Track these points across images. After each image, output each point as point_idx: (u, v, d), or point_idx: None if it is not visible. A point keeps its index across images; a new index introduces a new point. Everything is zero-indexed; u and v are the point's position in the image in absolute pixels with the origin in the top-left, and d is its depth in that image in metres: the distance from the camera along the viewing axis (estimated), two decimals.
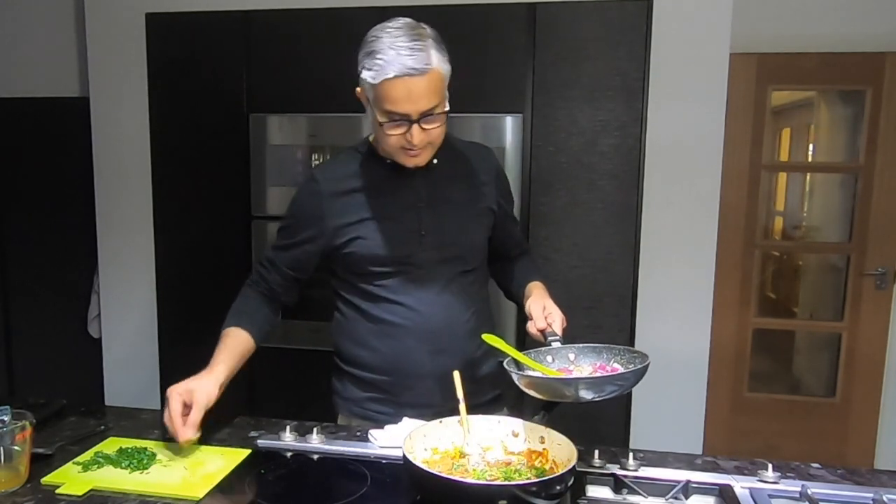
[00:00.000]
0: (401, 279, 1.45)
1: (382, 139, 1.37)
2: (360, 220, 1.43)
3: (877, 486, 1.22)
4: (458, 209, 1.49)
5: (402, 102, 1.29)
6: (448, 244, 1.46)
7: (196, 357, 1.49)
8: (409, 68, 1.26)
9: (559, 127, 2.53)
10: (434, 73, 1.29)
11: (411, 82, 1.27)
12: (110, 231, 2.98)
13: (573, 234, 2.55)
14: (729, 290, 3.09)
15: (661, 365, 2.61)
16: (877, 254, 3.04)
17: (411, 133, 1.32)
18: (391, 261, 1.44)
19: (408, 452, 1.13)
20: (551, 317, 1.40)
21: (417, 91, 1.28)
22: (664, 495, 1.17)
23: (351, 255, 1.45)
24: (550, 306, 1.43)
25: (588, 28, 2.48)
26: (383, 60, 1.26)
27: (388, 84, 1.27)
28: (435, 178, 1.46)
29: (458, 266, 1.49)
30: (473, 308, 1.52)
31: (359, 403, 1.52)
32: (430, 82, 1.28)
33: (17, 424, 1.19)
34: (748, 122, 3.03)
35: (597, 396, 1.18)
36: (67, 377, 3.26)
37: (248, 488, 1.19)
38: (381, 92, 1.29)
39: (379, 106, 1.31)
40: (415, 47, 1.27)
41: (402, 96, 1.28)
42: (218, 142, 2.75)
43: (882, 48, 2.90)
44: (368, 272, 1.45)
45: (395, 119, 1.31)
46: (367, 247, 1.43)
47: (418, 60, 1.26)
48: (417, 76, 1.27)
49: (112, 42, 2.87)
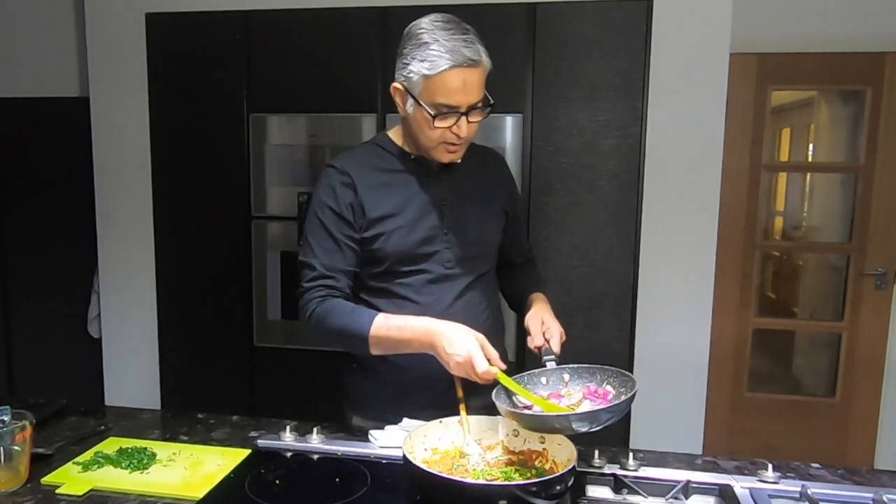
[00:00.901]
0: (422, 279, 1.44)
1: (425, 133, 1.36)
2: (386, 216, 1.41)
3: (877, 486, 1.22)
4: (477, 209, 1.49)
5: (457, 94, 1.30)
6: (468, 243, 1.47)
7: (196, 357, 1.49)
8: (468, 59, 1.28)
9: (559, 127, 2.53)
10: (483, 68, 1.32)
11: (467, 73, 1.29)
12: (110, 231, 2.98)
13: (573, 234, 2.55)
14: (729, 290, 3.09)
15: (661, 365, 2.63)
16: (877, 254, 3.04)
17: (459, 126, 1.33)
18: (414, 258, 1.42)
19: (408, 452, 1.13)
20: (549, 332, 1.40)
21: (471, 82, 1.30)
22: (664, 495, 1.17)
23: (375, 253, 1.42)
24: (549, 321, 1.42)
25: (588, 28, 2.48)
26: (440, 51, 1.28)
27: (446, 75, 1.28)
28: (457, 176, 1.47)
29: (476, 265, 1.49)
30: (490, 309, 1.53)
31: (375, 405, 1.49)
32: (480, 75, 1.32)
33: (17, 424, 1.20)
34: (748, 122, 3.02)
35: (578, 431, 1.15)
36: (67, 377, 3.26)
37: (248, 488, 1.19)
38: (436, 83, 1.29)
39: (430, 98, 1.31)
40: (468, 40, 1.29)
41: (457, 87, 1.29)
42: (218, 142, 2.75)
43: (882, 48, 2.90)
44: (391, 271, 1.43)
45: (444, 112, 1.31)
46: (391, 244, 1.41)
47: (474, 52, 1.29)
48: (473, 67, 1.29)
49: (112, 42, 2.86)
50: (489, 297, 1.54)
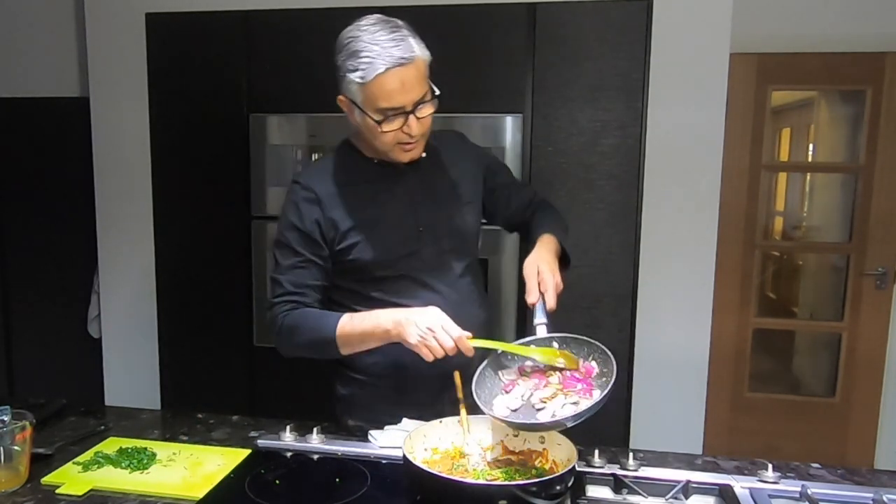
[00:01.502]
0: (406, 282, 1.43)
1: (377, 139, 1.35)
2: (358, 225, 1.41)
3: (877, 486, 1.22)
4: (449, 200, 1.48)
5: (397, 95, 1.28)
6: (446, 236, 1.46)
7: (196, 357, 1.49)
8: (400, 58, 1.26)
9: (559, 127, 2.53)
10: (419, 61, 1.29)
11: (402, 72, 1.27)
12: (110, 231, 2.98)
13: (573, 234, 2.53)
14: (729, 290, 3.08)
15: (661, 365, 2.63)
16: (877, 254, 3.04)
17: (409, 125, 1.32)
18: (394, 262, 1.42)
19: (408, 452, 1.13)
20: (544, 284, 1.34)
21: (409, 80, 1.28)
22: (664, 495, 1.17)
23: (354, 263, 1.42)
24: (544, 270, 1.36)
25: (588, 28, 2.48)
26: (370, 57, 1.26)
27: (381, 79, 1.26)
28: (423, 171, 1.46)
29: (458, 257, 1.48)
30: (480, 299, 1.53)
31: (369, 408, 1.48)
32: (417, 70, 1.29)
33: (17, 424, 1.20)
34: (748, 122, 3.02)
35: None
36: (67, 377, 3.25)
37: (248, 488, 1.19)
38: (373, 89, 1.28)
39: (372, 105, 1.30)
40: (396, 38, 1.27)
41: (396, 88, 1.27)
42: (218, 142, 2.75)
43: (882, 48, 2.90)
44: (373, 278, 1.43)
45: (390, 114, 1.30)
46: (368, 251, 1.41)
47: (404, 50, 1.27)
48: (407, 65, 1.27)
49: (112, 42, 2.86)
50: (478, 287, 1.54)
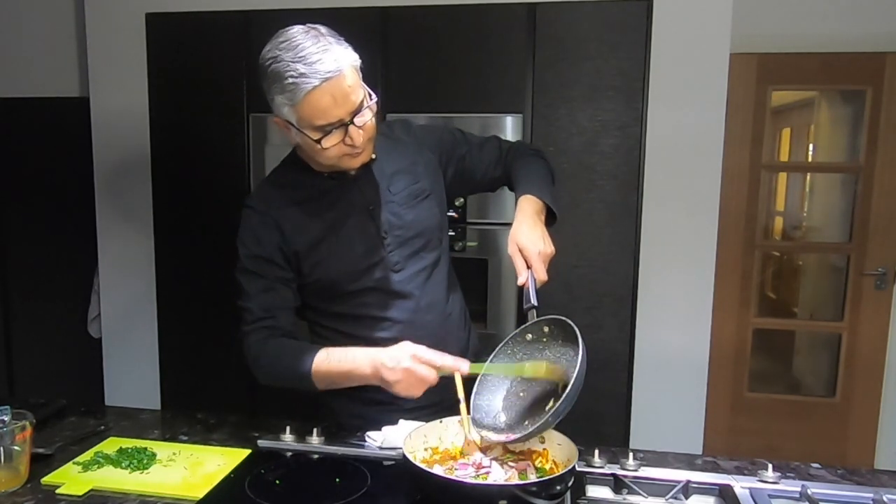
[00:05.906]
0: (376, 294, 1.40)
1: (320, 155, 1.29)
2: (318, 242, 1.37)
3: (877, 486, 1.22)
4: (406, 198, 1.43)
5: (331, 109, 1.22)
6: (410, 237, 1.42)
7: (196, 357, 1.49)
8: (326, 73, 1.19)
9: (559, 127, 2.53)
10: (349, 69, 1.23)
11: (332, 86, 1.20)
12: (110, 231, 2.98)
13: (573, 234, 2.55)
14: (729, 290, 3.08)
15: (661, 365, 2.63)
16: (877, 254, 3.04)
17: (350, 136, 1.26)
18: (360, 273, 1.38)
19: (408, 452, 1.13)
20: (530, 259, 1.29)
21: (341, 92, 1.22)
22: (664, 495, 1.17)
23: (319, 283, 1.39)
24: (526, 245, 1.29)
25: (588, 28, 2.48)
26: (294, 77, 1.20)
27: (310, 97, 1.20)
28: (375, 174, 1.41)
29: (426, 255, 1.44)
30: (453, 294, 1.50)
31: (361, 416, 1.46)
32: (348, 79, 1.23)
33: (17, 424, 1.20)
34: (748, 122, 3.02)
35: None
36: (67, 377, 3.25)
37: (248, 488, 1.19)
38: (305, 109, 1.22)
39: (308, 124, 1.24)
40: (319, 50, 1.21)
41: (328, 104, 1.21)
42: (218, 142, 2.75)
43: (882, 48, 2.90)
44: (344, 293, 1.39)
45: (329, 129, 1.24)
46: (333, 268, 1.37)
47: (329, 63, 1.20)
48: (335, 78, 1.20)
49: (112, 42, 2.86)
50: (451, 282, 1.51)
